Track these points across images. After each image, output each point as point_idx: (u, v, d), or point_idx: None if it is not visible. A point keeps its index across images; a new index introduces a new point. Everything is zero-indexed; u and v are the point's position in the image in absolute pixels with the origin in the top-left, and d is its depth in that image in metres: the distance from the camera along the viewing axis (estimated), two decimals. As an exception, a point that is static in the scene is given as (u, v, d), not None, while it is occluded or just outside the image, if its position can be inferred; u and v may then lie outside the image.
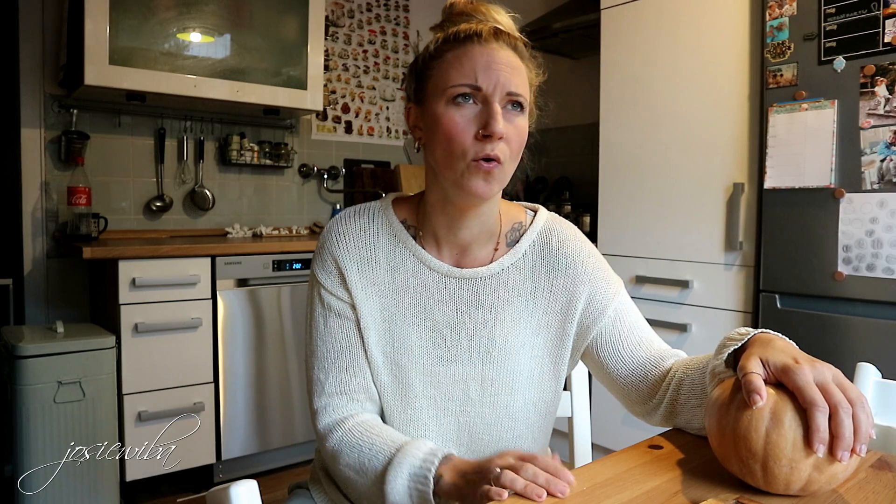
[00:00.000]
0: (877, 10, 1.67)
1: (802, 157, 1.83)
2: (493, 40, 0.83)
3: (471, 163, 0.81)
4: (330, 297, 0.91)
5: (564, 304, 0.92)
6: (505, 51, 0.83)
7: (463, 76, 0.81)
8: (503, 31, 0.84)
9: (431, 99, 0.84)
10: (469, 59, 0.81)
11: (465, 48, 0.82)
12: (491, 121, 0.80)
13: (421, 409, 0.90)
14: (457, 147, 0.81)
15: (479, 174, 0.81)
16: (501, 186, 0.85)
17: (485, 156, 0.81)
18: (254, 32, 2.63)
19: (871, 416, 0.63)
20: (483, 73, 0.81)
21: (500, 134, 0.80)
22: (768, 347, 0.69)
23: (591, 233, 2.60)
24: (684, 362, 0.87)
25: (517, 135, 0.83)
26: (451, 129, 0.81)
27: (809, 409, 0.62)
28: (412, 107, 0.90)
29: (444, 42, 0.84)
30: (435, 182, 0.89)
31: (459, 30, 0.84)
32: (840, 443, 0.61)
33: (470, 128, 0.81)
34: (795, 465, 0.62)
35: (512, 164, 0.85)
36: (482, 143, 0.81)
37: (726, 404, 0.67)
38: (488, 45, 0.82)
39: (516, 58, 0.84)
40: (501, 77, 0.81)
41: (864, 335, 1.74)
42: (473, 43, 0.82)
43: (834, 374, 0.65)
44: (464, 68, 0.81)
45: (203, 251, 2.30)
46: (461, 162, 0.82)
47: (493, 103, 0.81)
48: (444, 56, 0.84)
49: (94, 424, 2.02)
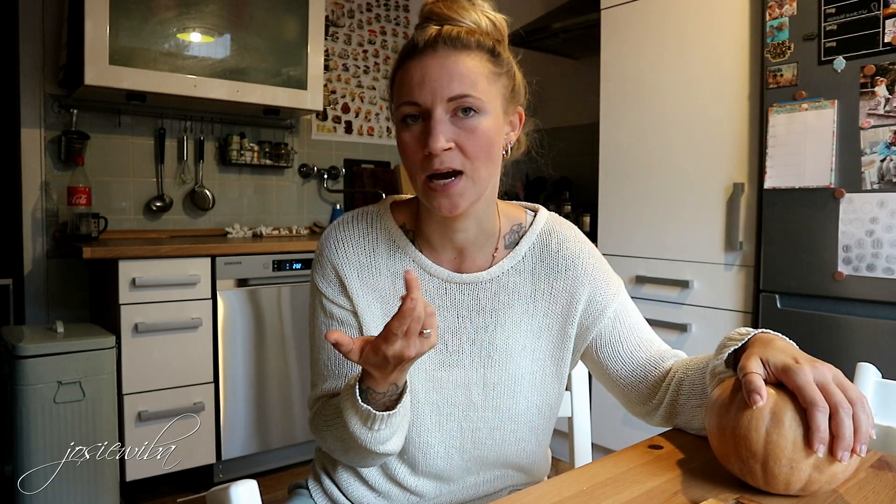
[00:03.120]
0: (877, 10, 1.67)
1: (802, 157, 1.83)
2: (430, 48, 0.80)
3: (425, 182, 0.81)
4: (332, 305, 0.90)
5: (565, 305, 0.92)
6: (445, 56, 0.79)
7: (403, 94, 0.81)
8: (444, 31, 0.81)
9: (394, 118, 0.85)
10: (407, 77, 0.81)
11: (405, 66, 0.82)
12: (427, 138, 0.78)
13: (424, 415, 0.90)
14: (410, 168, 0.83)
15: (438, 194, 0.81)
16: (474, 197, 0.83)
17: (432, 172, 0.80)
18: (254, 32, 2.63)
19: (872, 416, 0.63)
20: (418, 88, 0.79)
21: (437, 150, 0.78)
22: (768, 347, 0.69)
23: (591, 233, 2.60)
24: (684, 363, 0.87)
25: (473, 138, 0.79)
26: (404, 150, 0.82)
27: (810, 409, 0.62)
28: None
29: (396, 61, 0.85)
30: None
31: (405, 44, 0.84)
32: (840, 443, 0.61)
33: (418, 147, 0.80)
34: (796, 465, 0.62)
35: (479, 170, 0.81)
36: (429, 161, 0.79)
37: (726, 404, 0.67)
38: (423, 56, 0.80)
39: (463, 55, 0.80)
40: (436, 87, 0.78)
41: (864, 335, 1.74)
42: (411, 58, 0.81)
43: (834, 374, 0.65)
44: (403, 88, 0.81)
45: (203, 251, 2.30)
46: (418, 182, 0.82)
47: (433, 117, 0.79)
48: (395, 77, 0.84)
49: (94, 424, 2.02)
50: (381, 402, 0.76)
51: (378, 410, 0.76)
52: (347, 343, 0.68)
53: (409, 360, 0.69)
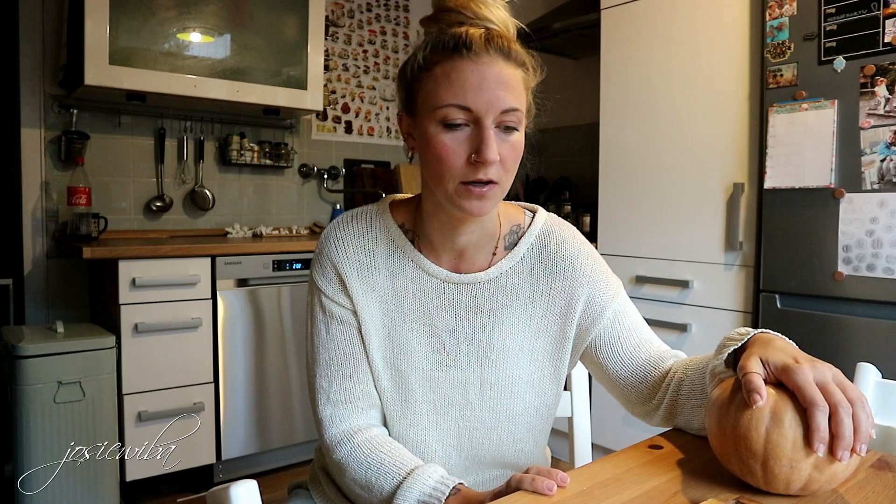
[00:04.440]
0: (877, 10, 1.67)
1: (802, 157, 1.83)
2: (485, 51, 0.77)
3: (460, 185, 0.79)
4: (331, 303, 0.90)
5: (563, 306, 0.92)
6: (497, 63, 0.78)
7: (452, 96, 0.77)
8: (494, 35, 0.79)
9: (422, 114, 0.81)
10: (458, 76, 0.77)
11: (454, 62, 0.77)
12: (483, 147, 0.76)
13: (421, 414, 0.90)
14: (447, 170, 0.79)
15: (472, 196, 0.79)
16: (498, 202, 0.83)
17: (476, 180, 0.78)
18: (254, 32, 2.63)
19: (871, 415, 0.63)
20: (473, 93, 0.76)
21: (493, 161, 0.77)
22: (768, 347, 0.69)
23: (591, 233, 2.60)
24: (684, 363, 0.87)
25: (512, 152, 0.80)
26: (442, 153, 0.78)
27: (809, 409, 0.62)
28: (403, 115, 0.86)
29: (432, 51, 0.79)
30: (429, 190, 0.86)
31: (448, 37, 0.78)
32: (840, 442, 0.61)
33: (461, 151, 0.78)
34: (796, 465, 0.62)
35: (508, 180, 0.82)
36: (474, 168, 0.78)
37: (726, 404, 0.67)
38: (479, 58, 0.77)
39: (510, 66, 0.79)
40: (493, 97, 0.77)
41: (864, 335, 1.74)
42: (463, 57, 0.77)
43: (834, 373, 0.65)
44: (453, 87, 0.77)
45: (203, 251, 2.30)
46: (451, 183, 0.79)
47: (486, 127, 0.77)
48: (433, 70, 0.79)
49: (94, 424, 2.02)
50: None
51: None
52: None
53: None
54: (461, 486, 0.76)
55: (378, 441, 0.86)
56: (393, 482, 0.79)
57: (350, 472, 0.84)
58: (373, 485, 0.81)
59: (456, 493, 0.74)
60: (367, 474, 0.82)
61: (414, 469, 0.79)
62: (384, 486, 0.80)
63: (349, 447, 0.85)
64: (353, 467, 0.84)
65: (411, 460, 0.82)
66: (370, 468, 0.82)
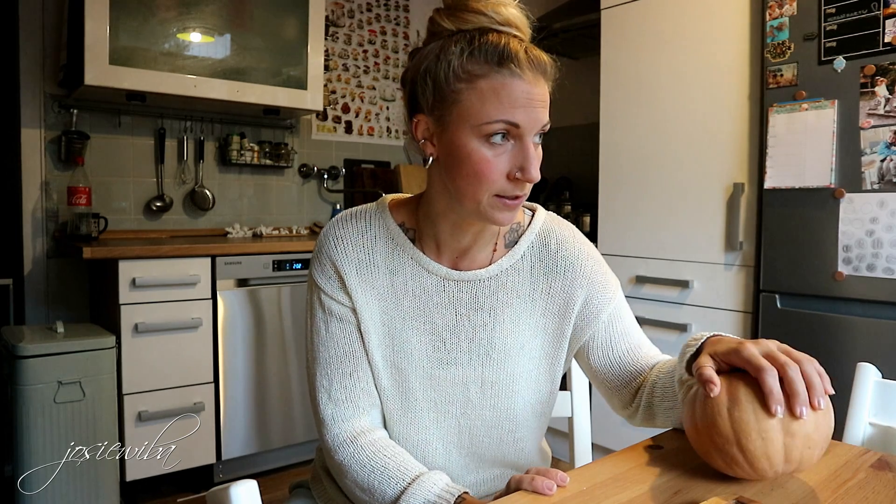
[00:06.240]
0: (877, 10, 1.67)
1: (802, 157, 1.83)
2: (529, 68, 0.77)
3: (494, 198, 0.80)
4: (331, 301, 0.90)
5: (562, 305, 0.92)
6: (540, 81, 0.78)
7: (502, 112, 0.76)
8: (533, 51, 0.78)
9: (458, 126, 0.78)
10: (508, 94, 0.76)
11: (503, 79, 0.76)
12: (528, 166, 0.78)
13: (421, 412, 0.90)
14: (485, 184, 0.78)
15: (505, 208, 0.81)
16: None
17: (514, 195, 0.80)
18: (254, 32, 2.63)
19: (823, 371, 0.66)
20: (523, 111, 0.76)
21: (537, 180, 0.79)
22: (717, 344, 0.73)
23: (591, 233, 2.60)
24: (658, 366, 0.90)
25: (539, 161, 0.81)
26: (483, 168, 0.78)
27: (759, 375, 0.65)
28: (423, 119, 0.82)
29: (469, 61, 0.77)
30: (445, 194, 0.85)
31: (488, 48, 0.76)
32: (796, 399, 0.64)
33: (502, 166, 0.78)
34: (766, 435, 0.64)
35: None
36: (514, 185, 0.79)
37: (691, 403, 0.71)
38: (524, 74, 0.76)
39: (547, 83, 0.80)
40: (537, 114, 0.78)
41: (864, 335, 1.74)
42: (513, 73, 0.76)
43: (778, 345, 0.69)
44: (503, 104, 0.76)
45: (203, 251, 2.30)
46: (486, 195, 0.79)
47: (528, 144, 0.78)
48: (476, 83, 0.76)
49: (94, 424, 2.02)
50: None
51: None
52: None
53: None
54: (466, 494, 0.75)
55: (381, 444, 0.85)
56: (396, 488, 0.79)
57: (352, 474, 0.84)
58: (375, 489, 0.81)
59: (461, 501, 0.74)
60: (370, 478, 0.82)
61: (418, 476, 0.79)
62: (387, 490, 0.80)
63: (352, 449, 0.85)
64: (355, 470, 0.83)
65: (415, 466, 0.82)
66: (373, 472, 0.82)
